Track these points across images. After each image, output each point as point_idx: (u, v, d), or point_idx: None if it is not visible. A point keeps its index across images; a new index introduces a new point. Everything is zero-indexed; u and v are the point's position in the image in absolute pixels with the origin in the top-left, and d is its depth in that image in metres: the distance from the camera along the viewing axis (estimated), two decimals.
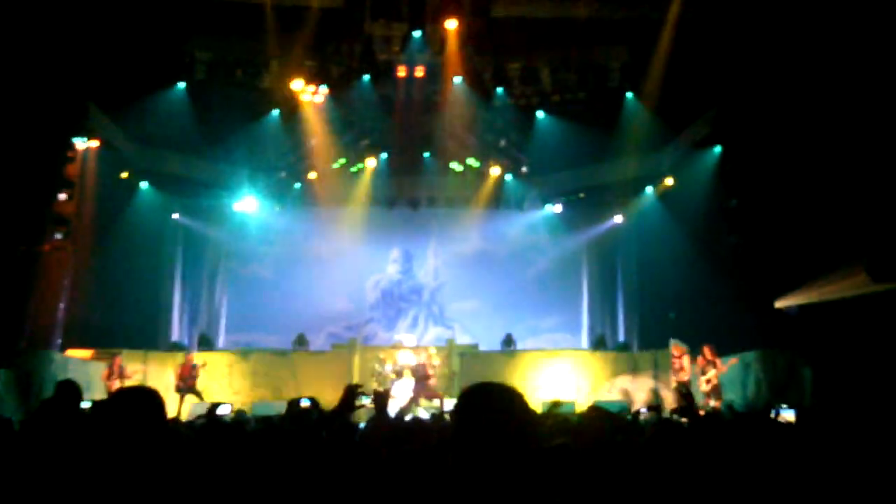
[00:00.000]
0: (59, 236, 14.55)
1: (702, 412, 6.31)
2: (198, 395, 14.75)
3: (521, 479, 1.97)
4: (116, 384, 13.92)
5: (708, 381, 13.31)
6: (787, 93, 12.65)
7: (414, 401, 14.34)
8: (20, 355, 12.75)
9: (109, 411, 2.60)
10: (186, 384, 14.79)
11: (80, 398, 4.56)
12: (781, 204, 13.26)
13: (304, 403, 4.86)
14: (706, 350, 13.55)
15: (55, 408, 4.46)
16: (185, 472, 2.65)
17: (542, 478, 2.69)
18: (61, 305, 15.06)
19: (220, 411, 5.13)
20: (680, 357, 14.22)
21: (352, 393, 4.20)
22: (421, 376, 14.64)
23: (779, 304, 13.50)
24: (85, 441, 3.50)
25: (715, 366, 13.34)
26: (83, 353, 14.87)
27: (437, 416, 8.01)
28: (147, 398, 2.64)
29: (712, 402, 12.80)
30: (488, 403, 2.06)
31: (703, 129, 15.77)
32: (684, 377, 14.00)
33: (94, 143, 15.19)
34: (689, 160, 16.51)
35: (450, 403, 12.55)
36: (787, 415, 8.78)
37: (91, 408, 4.63)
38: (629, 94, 16.46)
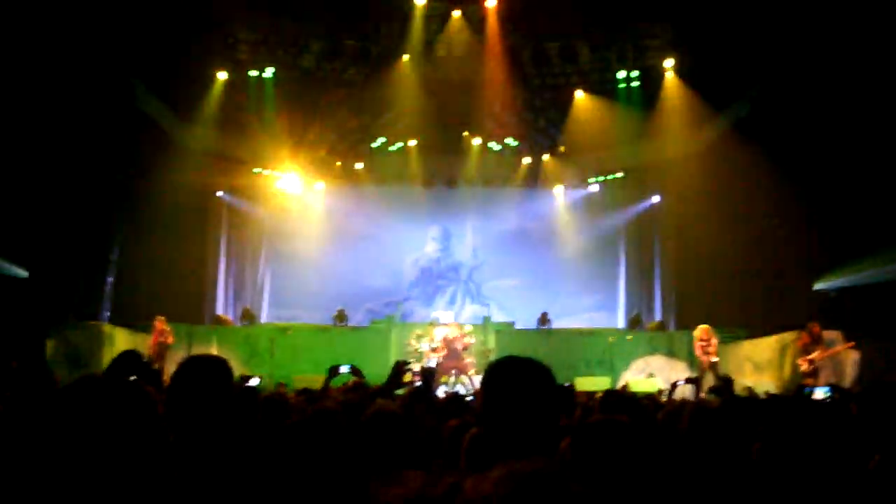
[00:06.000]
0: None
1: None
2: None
3: (545, 451, 2.00)
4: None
5: (810, 362, 11.73)
6: (830, 70, 12.46)
7: (444, 373, 14.38)
8: (68, 327, 12.99)
9: (186, 377, 2.61)
10: (157, 352, 13.18)
11: (139, 368, 4.33)
12: (823, 184, 13.10)
13: (344, 369, 4.97)
14: (814, 327, 11.94)
15: (111, 374, 4.26)
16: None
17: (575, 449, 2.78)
18: (109, 279, 15.56)
19: (250, 383, 5.20)
20: (709, 340, 13.69)
21: (400, 369, 4.36)
22: (453, 351, 14.69)
23: (818, 285, 13.33)
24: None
25: (820, 347, 11.73)
26: None
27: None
28: (219, 366, 2.68)
29: (813, 382, 10.77)
30: (514, 377, 2.08)
31: (744, 107, 15.56)
32: (714, 359, 13.48)
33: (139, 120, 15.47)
34: (729, 139, 16.29)
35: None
36: (820, 393, 8.67)
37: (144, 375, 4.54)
38: (669, 73, 16.29)
